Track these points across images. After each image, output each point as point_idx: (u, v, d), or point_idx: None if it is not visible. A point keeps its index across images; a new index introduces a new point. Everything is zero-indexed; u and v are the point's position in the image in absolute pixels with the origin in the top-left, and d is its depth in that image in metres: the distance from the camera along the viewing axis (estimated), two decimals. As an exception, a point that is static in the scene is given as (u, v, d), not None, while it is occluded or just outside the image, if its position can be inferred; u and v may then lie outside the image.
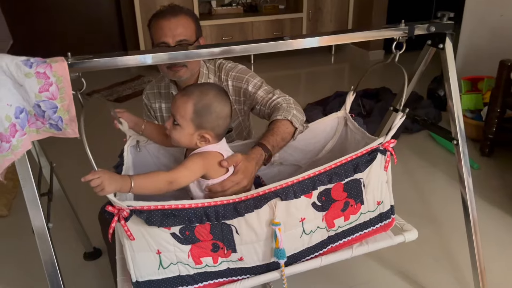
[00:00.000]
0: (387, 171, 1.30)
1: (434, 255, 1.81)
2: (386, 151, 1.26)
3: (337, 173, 1.20)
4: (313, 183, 1.16)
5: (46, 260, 1.05)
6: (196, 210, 1.08)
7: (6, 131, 0.99)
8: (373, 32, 1.35)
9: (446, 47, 1.37)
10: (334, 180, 1.20)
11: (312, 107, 3.19)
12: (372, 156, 1.24)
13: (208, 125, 1.16)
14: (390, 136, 1.26)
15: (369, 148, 1.24)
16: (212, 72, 1.62)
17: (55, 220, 1.24)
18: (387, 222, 1.36)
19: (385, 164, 1.28)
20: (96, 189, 0.95)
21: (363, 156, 1.23)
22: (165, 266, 1.12)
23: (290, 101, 1.48)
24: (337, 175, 1.20)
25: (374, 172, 1.27)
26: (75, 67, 1.03)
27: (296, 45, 1.24)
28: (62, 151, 1.89)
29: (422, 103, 3.17)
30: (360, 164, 1.22)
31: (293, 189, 1.14)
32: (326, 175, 1.18)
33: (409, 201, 2.17)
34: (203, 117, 1.15)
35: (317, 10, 4.57)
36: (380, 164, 1.27)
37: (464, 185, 1.43)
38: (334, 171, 1.19)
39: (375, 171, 1.27)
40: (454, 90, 1.40)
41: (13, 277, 1.76)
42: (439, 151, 2.67)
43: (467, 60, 3.24)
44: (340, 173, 1.20)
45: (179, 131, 1.16)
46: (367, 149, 1.24)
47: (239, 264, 1.19)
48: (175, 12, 1.48)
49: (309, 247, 1.25)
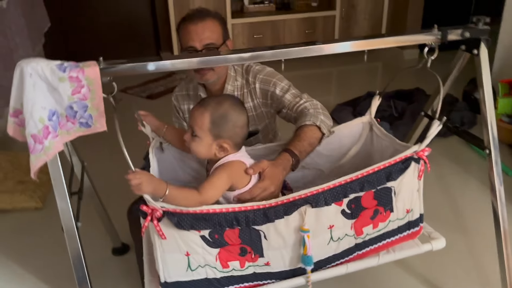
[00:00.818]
0: (420, 180, 1.27)
1: (464, 265, 1.76)
2: (420, 159, 1.24)
3: (369, 181, 1.19)
4: (344, 190, 1.16)
5: (74, 257, 1.09)
6: (226, 215, 1.10)
7: (40, 132, 1.03)
8: (405, 37, 1.32)
9: (480, 53, 1.33)
10: (366, 188, 1.18)
11: (341, 108, 3.15)
12: (406, 164, 1.22)
13: (225, 134, 1.19)
14: (425, 145, 1.23)
15: (403, 156, 1.22)
16: (239, 74, 1.63)
17: (86, 215, 1.28)
18: (415, 230, 1.34)
19: (419, 172, 1.26)
20: (133, 188, 1.00)
21: (397, 164, 1.22)
22: (193, 268, 1.14)
23: (317, 106, 1.47)
24: (369, 183, 1.19)
25: (406, 180, 1.25)
26: (107, 71, 1.06)
27: (327, 50, 1.23)
28: (94, 148, 1.95)
29: (457, 105, 3.08)
30: (393, 172, 1.21)
31: (324, 196, 1.13)
32: (358, 183, 1.17)
33: (440, 207, 2.12)
34: (220, 126, 1.18)
35: (350, 7, 4.49)
36: (414, 173, 1.25)
37: (495, 196, 1.39)
38: (366, 178, 1.18)
39: (408, 180, 1.25)
40: (488, 97, 1.36)
41: (46, 266, 1.83)
42: (473, 156, 2.59)
43: (505, 63, 3.12)
44: (372, 181, 1.19)
45: (198, 142, 1.20)
46: (400, 157, 1.22)
47: (265, 269, 1.20)
48: (202, 16, 1.49)
49: (336, 254, 1.25)
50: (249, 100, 1.63)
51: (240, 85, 1.63)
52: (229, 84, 1.61)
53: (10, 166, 2.39)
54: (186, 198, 1.09)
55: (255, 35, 4.30)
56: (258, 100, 1.62)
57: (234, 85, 1.62)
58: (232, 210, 1.10)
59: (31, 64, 1.00)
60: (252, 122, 1.67)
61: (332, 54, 1.24)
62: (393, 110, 3.06)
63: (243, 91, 1.63)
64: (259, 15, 4.32)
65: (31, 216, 2.16)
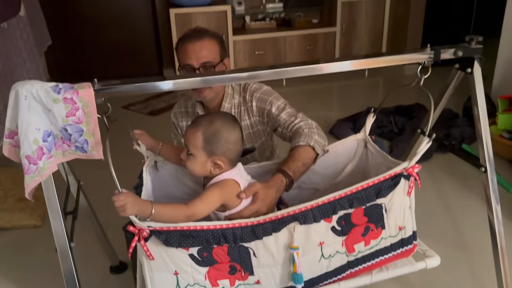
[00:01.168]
0: (410, 197, 1.27)
1: (462, 283, 1.74)
2: (410, 176, 1.24)
3: (359, 197, 1.19)
4: (333, 207, 1.16)
5: (68, 277, 1.10)
6: (214, 232, 1.10)
7: (34, 153, 1.04)
8: (400, 56, 1.34)
9: (474, 72, 1.34)
10: (355, 204, 1.19)
11: (341, 123, 3.16)
12: (396, 181, 1.23)
13: (218, 151, 1.21)
14: (414, 161, 1.23)
15: (393, 173, 1.23)
16: (237, 92, 1.65)
17: (83, 234, 1.28)
18: (408, 248, 1.33)
19: (408, 189, 1.26)
20: (118, 210, 1.01)
21: (386, 181, 1.22)
22: (182, 287, 1.14)
23: (312, 126, 1.48)
24: (359, 200, 1.19)
25: (397, 197, 1.25)
26: (101, 92, 1.08)
27: (324, 69, 1.25)
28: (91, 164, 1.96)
29: (458, 121, 3.07)
30: (382, 189, 1.21)
31: (313, 213, 1.14)
32: (347, 200, 1.18)
33: (439, 224, 2.10)
34: (213, 144, 1.20)
35: (351, 24, 4.53)
36: (404, 189, 1.25)
37: (492, 213, 1.39)
38: (356, 195, 1.19)
39: (398, 196, 1.25)
40: (482, 115, 1.37)
41: (45, 285, 1.83)
42: (473, 172, 2.57)
43: (505, 78, 3.13)
44: (361, 198, 1.19)
45: (193, 161, 1.22)
46: (390, 173, 1.22)
47: (256, 287, 1.19)
48: (200, 35, 1.52)
49: (328, 272, 1.24)
50: (246, 118, 1.64)
51: (238, 103, 1.64)
52: (226, 102, 1.63)
53: (11, 183, 2.40)
54: (173, 212, 1.11)
55: (257, 51, 4.34)
56: (255, 118, 1.63)
57: (232, 103, 1.64)
58: (220, 227, 1.10)
59: (25, 86, 1.02)
60: (248, 139, 1.68)
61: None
62: (394, 125, 3.06)
63: (240, 108, 1.64)
64: (261, 32, 4.37)
65: (30, 234, 2.17)
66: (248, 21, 4.47)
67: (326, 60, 1.25)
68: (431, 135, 1.26)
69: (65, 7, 4.39)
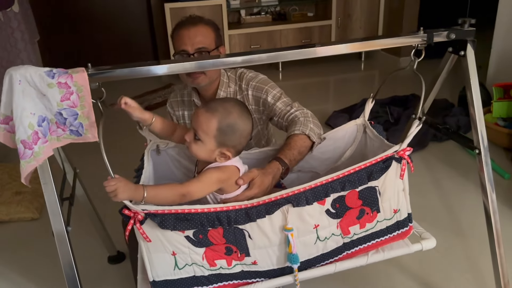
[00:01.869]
0: (403, 179, 1.28)
1: (459, 268, 1.75)
2: (402, 159, 1.25)
3: (351, 180, 1.20)
4: (325, 190, 1.17)
5: (65, 263, 1.10)
6: (208, 215, 1.10)
7: (29, 138, 1.04)
8: (391, 39, 1.34)
9: (467, 54, 1.34)
10: (348, 187, 1.19)
11: (337, 115, 3.17)
12: (387, 164, 1.23)
13: (230, 143, 1.19)
14: (406, 144, 1.24)
15: (384, 156, 1.23)
16: (233, 81, 1.65)
17: (81, 224, 1.29)
18: (404, 230, 1.34)
19: (401, 172, 1.26)
20: (110, 195, 1.01)
21: (378, 163, 1.23)
22: (180, 267, 1.15)
23: (307, 115, 1.49)
24: (351, 183, 1.20)
25: (389, 180, 1.25)
26: (95, 77, 1.08)
27: (319, 52, 1.24)
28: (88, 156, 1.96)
29: (453, 110, 3.09)
30: (374, 171, 1.22)
31: (305, 195, 1.14)
32: (339, 182, 1.18)
33: (436, 211, 2.12)
34: (227, 135, 1.18)
35: (346, 17, 4.54)
36: (396, 172, 1.26)
37: (487, 196, 1.39)
38: (348, 178, 1.19)
39: (391, 179, 1.26)
40: (476, 98, 1.37)
41: (42, 277, 1.83)
42: (469, 160, 2.59)
43: (500, 67, 3.14)
44: (353, 181, 1.20)
45: (200, 146, 1.19)
46: (381, 156, 1.23)
47: (253, 268, 1.20)
48: (195, 21, 1.53)
49: (324, 253, 1.25)
50: None
51: (233, 91, 1.64)
52: (221, 90, 1.63)
53: (8, 177, 2.40)
54: (167, 192, 1.10)
55: (252, 45, 4.34)
56: (251, 107, 1.64)
57: (227, 91, 1.64)
58: (214, 210, 1.11)
59: (19, 71, 1.02)
60: None
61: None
62: (389, 116, 3.07)
63: (236, 97, 1.65)
64: (256, 26, 4.37)
65: (28, 227, 2.17)
66: (244, 15, 4.47)
67: (321, 44, 1.25)
68: (421, 118, 1.27)
69: (59, 3, 4.38)
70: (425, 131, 2.74)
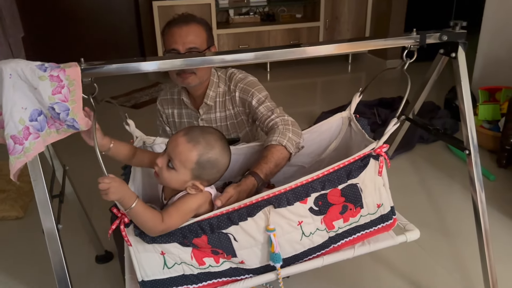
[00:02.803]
0: (381, 176, 1.30)
1: (447, 267, 1.77)
2: (379, 156, 1.26)
3: (330, 179, 1.21)
4: (306, 190, 1.18)
5: (55, 261, 1.08)
6: (190, 226, 1.10)
7: (20, 133, 1.02)
8: (384, 40, 1.35)
9: (458, 56, 1.36)
10: (328, 186, 1.21)
11: (326, 115, 3.17)
12: (365, 162, 1.25)
13: (206, 177, 1.15)
14: (382, 142, 1.26)
15: (362, 154, 1.25)
16: (222, 81, 1.64)
17: (68, 223, 1.26)
18: (388, 223, 1.37)
19: (379, 169, 1.28)
20: (101, 193, 0.98)
21: (356, 162, 1.24)
22: (169, 266, 1.14)
23: (287, 122, 1.46)
24: (330, 182, 1.21)
25: (369, 177, 1.27)
26: (88, 72, 1.06)
27: (309, 52, 1.24)
28: (76, 153, 1.93)
29: (439, 113, 3.13)
30: (353, 170, 1.23)
31: (286, 196, 1.15)
32: (319, 182, 1.19)
33: (423, 212, 2.14)
34: (205, 170, 1.14)
35: (334, 19, 4.57)
36: (375, 170, 1.28)
37: (476, 196, 1.41)
38: (327, 177, 1.20)
39: (370, 176, 1.28)
40: (466, 99, 1.39)
41: (28, 275, 1.79)
42: (456, 162, 2.63)
43: (485, 70, 3.19)
44: (333, 180, 1.21)
45: (172, 175, 1.12)
46: (359, 155, 1.25)
47: (241, 266, 1.21)
48: (187, 20, 1.51)
49: (311, 248, 1.26)
50: (230, 107, 1.64)
51: (222, 92, 1.64)
52: (211, 90, 1.62)
53: (-9, 175, 2.35)
54: (149, 220, 1.05)
55: (241, 45, 4.34)
56: (238, 108, 1.63)
57: (217, 91, 1.63)
58: (195, 220, 1.11)
59: (10, 64, 1.00)
60: (233, 129, 1.68)
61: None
62: (377, 117, 3.10)
63: (225, 98, 1.64)
64: (244, 26, 4.37)
65: (12, 225, 2.13)
66: (232, 15, 4.47)
67: (313, 44, 1.25)
68: (399, 117, 1.29)
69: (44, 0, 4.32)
70: (412, 133, 2.78)
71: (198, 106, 1.67)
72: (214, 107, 1.66)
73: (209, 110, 1.66)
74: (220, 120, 1.68)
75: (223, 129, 1.67)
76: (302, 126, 1.51)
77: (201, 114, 1.67)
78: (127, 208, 1.02)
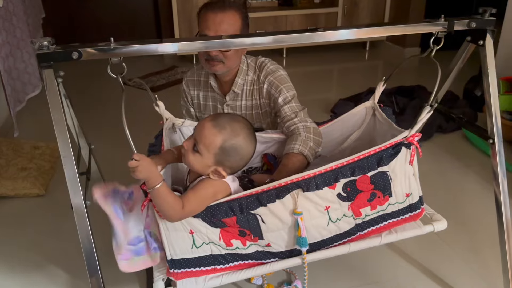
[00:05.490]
0: (412, 165, 1.29)
1: (465, 257, 1.77)
2: (411, 144, 1.25)
3: (360, 166, 1.20)
4: (335, 175, 1.18)
5: (83, 237, 1.10)
6: (220, 205, 1.12)
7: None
8: (411, 26, 1.33)
9: (486, 44, 1.34)
10: (357, 173, 1.20)
11: (344, 103, 3.16)
12: (396, 150, 1.24)
13: (228, 164, 1.16)
14: (415, 130, 1.25)
15: (393, 142, 1.24)
16: (252, 69, 1.63)
17: (92, 201, 1.28)
18: (416, 212, 1.36)
19: (410, 158, 1.27)
20: (130, 170, 1.01)
21: (387, 149, 1.23)
22: (198, 246, 1.16)
23: (309, 130, 1.46)
24: (360, 168, 1.20)
25: (399, 165, 1.26)
26: (117, 51, 1.07)
27: (331, 36, 1.22)
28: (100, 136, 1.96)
29: (458, 102, 3.10)
30: (383, 157, 1.22)
31: (315, 180, 1.15)
32: (348, 168, 1.19)
33: (441, 201, 2.13)
34: (228, 156, 1.14)
35: (353, 5, 4.51)
36: (405, 158, 1.27)
37: (498, 186, 1.40)
38: (357, 164, 1.20)
39: (400, 165, 1.27)
40: (492, 88, 1.38)
41: (49, 252, 1.83)
42: (474, 152, 2.60)
43: (507, 60, 3.14)
44: (363, 166, 1.21)
45: (197, 158, 1.14)
46: (391, 142, 1.24)
47: (267, 249, 1.21)
48: (224, 6, 1.46)
49: (338, 234, 1.27)
50: (257, 97, 1.63)
51: (251, 80, 1.62)
52: (239, 78, 1.61)
53: (12, 153, 2.39)
54: (171, 202, 1.06)
55: (257, 30, 4.31)
56: (264, 100, 1.63)
57: (245, 79, 1.62)
58: (225, 200, 1.12)
59: None
60: (257, 119, 1.68)
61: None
62: (395, 105, 3.07)
63: (252, 87, 1.63)
64: (262, 11, 4.33)
65: (33, 203, 2.17)
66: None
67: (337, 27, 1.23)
68: (433, 105, 1.27)
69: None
70: (430, 122, 2.75)
71: (225, 92, 1.67)
72: (241, 95, 1.65)
73: (236, 97, 1.66)
74: (246, 108, 1.67)
75: (248, 118, 1.67)
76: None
77: (227, 100, 1.67)
78: (150, 188, 1.04)
